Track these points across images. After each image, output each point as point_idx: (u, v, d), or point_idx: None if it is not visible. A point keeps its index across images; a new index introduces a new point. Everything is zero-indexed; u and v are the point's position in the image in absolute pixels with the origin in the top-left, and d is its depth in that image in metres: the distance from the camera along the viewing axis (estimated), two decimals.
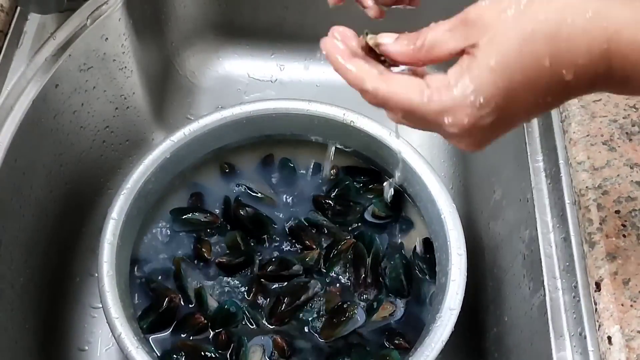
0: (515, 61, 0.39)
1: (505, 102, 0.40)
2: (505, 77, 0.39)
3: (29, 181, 0.73)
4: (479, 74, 0.40)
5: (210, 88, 1.04)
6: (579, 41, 0.39)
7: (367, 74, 0.43)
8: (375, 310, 0.74)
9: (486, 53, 0.40)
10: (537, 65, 0.39)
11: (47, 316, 0.78)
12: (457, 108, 0.40)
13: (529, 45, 0.39)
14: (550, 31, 0.39)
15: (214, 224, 0.80)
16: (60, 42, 0.76)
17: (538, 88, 0.40)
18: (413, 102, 0.41)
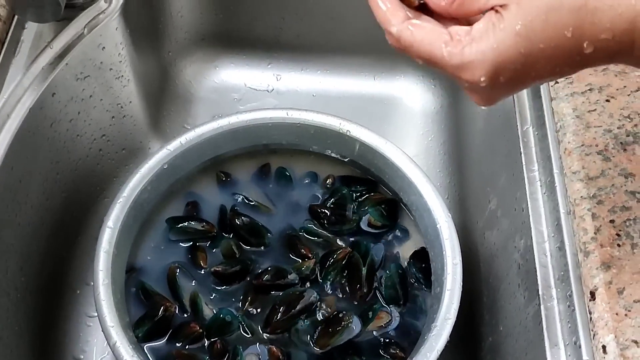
0: (541, 29, 0.40)
1: (523, 67, 0.41)
2: (528, 43, 0.40)
3: (26, 189, 0.73)
4: (504, 35, 0.40)
5: (207, 97, 1.05)
6: (604, 16, 0.40)
7: (395, 17, 0.44)
8: (370, 319, 0.74)
9: (514, 16, 0.40)
10: (560, 35, 0.40)
11: (43, 324, 0.78)
12: (475, 65, 0.41)
13: (555, 15, 0.40)
14: (577, 3, 0.40)
15: (210, 232, 0.80)
16: (57, 50, 0.76)
17: (557, 57, 0.41)
18: (434, 54, 0.42)
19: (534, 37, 0.40)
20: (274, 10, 1.01)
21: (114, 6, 0.81)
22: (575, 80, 0.66)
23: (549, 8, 0.40)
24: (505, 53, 0.41)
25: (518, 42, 0.40)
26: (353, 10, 0.98)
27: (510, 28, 0.40)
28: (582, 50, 0.41)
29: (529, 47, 0.40)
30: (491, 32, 0.41)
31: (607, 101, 0.65)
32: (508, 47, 0.40)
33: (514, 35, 0.40)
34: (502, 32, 0.41)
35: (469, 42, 0.41)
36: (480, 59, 0.41)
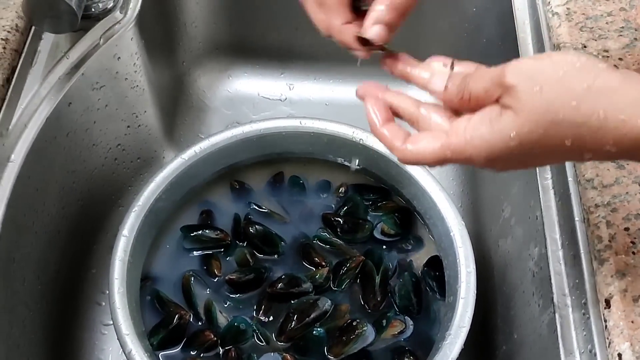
0: (537, 140, 0.41)
1: (518, 164, 0.44)
2: (523, 149, 0.42)
3: (42, 198, 0.74)
4: (498, 137, 0.42)
5: (221, 107, 1.05)
6: (608, 134, 0.40)
7: (395, 141, 0.48)
8: (384, 327, 0.74)
9: (511, 122, 0.42)
10: (558, 143, 0.41)
11: (59, 333, 0.79)
12: (473, 158, 0.44)
13: (554, 129, 0.41)
14: (579, 121, 0.40)
15: (224, 241, 0.80)
16: (74, 61, 0.77)
17: (554, 157, 0.43)
18: (438, 158, 0.45)
19: (530, 144, 0.42)
20: (287, 20, 1.02)
21: (129, 17, 0.82)
22: None
23: (548, 122, 0.40)
24: (498, 152, 0.43)
25: (512, 150, 0.42)
26: None
27: (504, 132, 0.42)
28: (582, 156, 0.42)
29: (524, 151, 0.42)
30: (487, 132, 0.43)
31: None
32: (501, 149, 0.42)
33: (507, 139, 0.42)
34: (496, 134, 0.42)
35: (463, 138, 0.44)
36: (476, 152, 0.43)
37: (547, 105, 0.40)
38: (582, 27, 0.72)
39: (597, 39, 0.70)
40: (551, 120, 0.40)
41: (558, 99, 0.40)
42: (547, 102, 0.40)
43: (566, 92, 0.40)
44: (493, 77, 0.43)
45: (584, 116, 0.40)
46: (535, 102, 0.41)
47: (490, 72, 0.44)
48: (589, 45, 0.70)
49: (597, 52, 0.69)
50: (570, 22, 0.72)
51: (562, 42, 0.71)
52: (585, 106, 0.40)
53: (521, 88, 0.41)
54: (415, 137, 0.47)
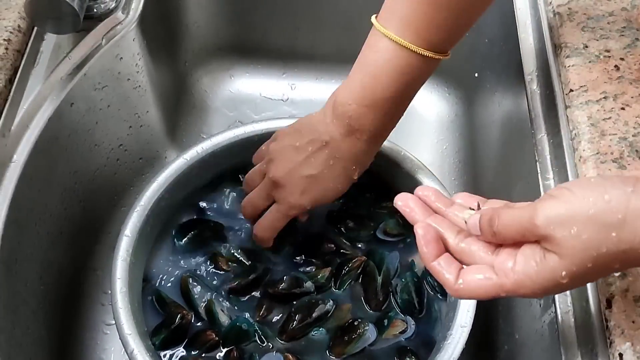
0: (587, 272, 0.43)
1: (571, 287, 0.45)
2: (575, 282, 0.44)
3: (44, 199, 0.74)
4: (549, 279, 0.44)
5: (223, 107, 1.05)
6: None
7: (447, 279, 0.49)
8: (386, 327, 0.74)
9: (558, 263, 0.43)
10: (608, 268, 0.44)
11: (61, 333, 0.79)
12: (528, 295, 0.46)
13: (601, 260, 0.42)
14: (624, 248, 0.42)
15: (221, 231, 0.81)
16: (76, 61, 0.77)
17: (604, 275, 0.48)
18: (491, 296, 0.47)
19: (580, 278, 0.44)
20: (289, 20, 1.02)
21: (132, 17, 0.82)
22: (590, 89, 0.66)
23: (594, 258, 0.42)
24: (550, 287, 0.45)
25: (564, 283, 0.44)
26: (367, 20, 0.99)
27: (555, 273, 0.44)
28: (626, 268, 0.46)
29: (575, 283, 0.44)
30: (534, 272, 0.45)
31: (622, 109, 0.65)
32: (553, 285, 0.44)
33: (558, 278, 0.44)
34: (547, 274, 0.44)
35: (514, 280, 0.45)
36: (530, 291, 0.45)
37: (589, 245, 0.42)
38: (584, 27, 0.72)
39: (598, 39, 0.70)
40: (597, 256, 0.42)
41: (597, 236, 0.42)
42: (588, 241, 0.42)
43: (603, 228, 0.42)
44: (523, 223, 0.45)
45: (627, 243, 0.42)
46: (577, 245, 0.42)
47: (518, 217, 0.46)
48: (590, 45, 0.70)
49: (598, 52, 0.69)
50: (571, 22, 0.72)
51: (563, 42, 0.71)
52: (626, 234, 0.41)
53: (558, 235, 0.43)
54: (466, 272, 0.48)
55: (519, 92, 0.77)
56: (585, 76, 0.68)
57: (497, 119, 0.88)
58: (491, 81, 0.92)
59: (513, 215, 0.46)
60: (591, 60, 0.69)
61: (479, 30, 0.93)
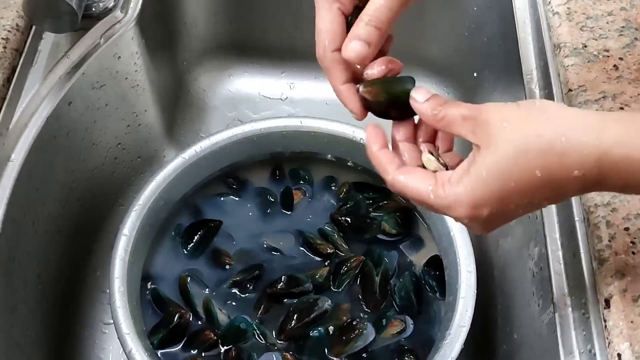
0: (509, 172, 0.44)
1: (499, 204, 0.45)
2: (497, 185, 0.44)
3: (42, 198, 0.74)
4: (475, 179, 0.45)
5: (221, 106, 1.05)
6: (571, 158, 0.42)
7: (389, 166, 0.50)
8: (384, 327, 0.74)
9: (483, 160, 0.44)
10: (529, 176, 0.43)
11: (59, 331, 0.79)
12: (456, 206, 0.46)
13: (522, 159, 0.43)
14: (544, 148, 0.43)
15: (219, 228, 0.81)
16: (74, 60, 0.77)
17: (530, 193, 0.44)
18: (422, 196, 0.48)
19: (503, 179, 0.44)
20: (288, 19, 1.02)
21: (130, 16, 0.82)
22: (588, 88, 0.66)
23: (516, 153, 0.43)
24: (478, 194, 0.45)
25: (488, 185, 0.44)
26: None
27: (479, 173, 0.44)
28: (554, 187, 0.44)
29: (499, 188, 0.44)
30: (466, 177, 0.45)
31: (620, 109, 0.65)
32: (480, 189, 0.44)
33: (482, 180, 0.44)
34: (473, 176, 0.44)
35: (449, 186, 0.46)
36: (459, 200, 0.45)
37: (513, 137, 0.43)
38: (583, 27, 0.71)
39: (597, 39, 0.70)
40: (518, 150, 0.43)
41: (523, 131, 0.43)
42: (513, 133, 0.44)
43: (530, 125, 0.44)
44: (471, 109, 0.46)
45: (548, 142, 0.43)
46: (504, 135, 0.44)
47: (467, 106, 0.47)
48: (589, 45, 0.70)
49: (597, 52, 0.69)
50: (570, 21, 0.72)
51: (562, 41, 0.71)
52: (548, 133, 0.43)
53: (492, 122, 0.44)
54: (410, 170, 0.49)
55: (517, 92, 0.77)
56: (584, 76, 0.67)
57: None
58: (490, 81, 0.92)
59: (463, 106, 0.47)
60: (590, 60, 0.69)
61: (478, 29, 0.93)
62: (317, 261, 0.79)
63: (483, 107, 0.46)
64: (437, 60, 1.02)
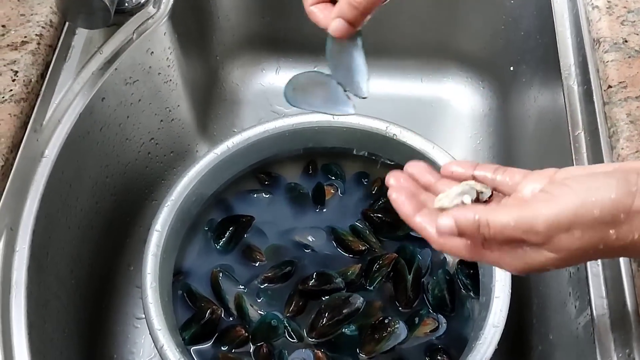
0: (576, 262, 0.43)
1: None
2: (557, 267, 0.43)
3: (75, 193, 0.74)
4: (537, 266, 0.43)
5: (254, 100, 1.05)
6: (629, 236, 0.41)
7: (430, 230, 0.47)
8: (417, 325, 0.73)
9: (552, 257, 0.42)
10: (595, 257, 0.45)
11: (92, 326, 0.79)
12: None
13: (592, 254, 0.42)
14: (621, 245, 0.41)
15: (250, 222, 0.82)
16: (107, 56, 0.77)
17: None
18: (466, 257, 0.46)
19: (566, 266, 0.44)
20: None
21: (163, 11, 0.82)
22: (629, 85, 0.65)
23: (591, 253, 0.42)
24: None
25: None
26: (400, 12, 0.97)
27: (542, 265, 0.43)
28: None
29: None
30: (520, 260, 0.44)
31: None
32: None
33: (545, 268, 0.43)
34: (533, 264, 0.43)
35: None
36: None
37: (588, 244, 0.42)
38: (624, 21, 0.70)
39: (639, 33, 0.68)
40: (592, 253, 0.42)
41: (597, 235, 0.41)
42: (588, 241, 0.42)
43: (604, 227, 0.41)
44: (521, 229, 0.42)
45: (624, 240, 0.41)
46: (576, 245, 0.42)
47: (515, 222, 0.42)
48: (630, 40, 0.68)
49: (638, 47, 0.67)
50: (610, 15, 0.70)
51: (602, 36, 0.69)
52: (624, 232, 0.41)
53: (561, 241, 0.42)
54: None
55: (555, 87, 0.75)
56: (625, 72, 0.66)
57: (532, 114, 0.86)
58: (527, 75, 0.90)
59: (508, 220, 0.42)
60: (631, 56, 0.67)
61: (515, 22, 0.92)
62: (349, 258, 0.79)
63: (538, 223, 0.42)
64: (473, 54, 1.00)
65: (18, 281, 0.62)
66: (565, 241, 0.41)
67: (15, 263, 0.63)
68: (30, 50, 0.70)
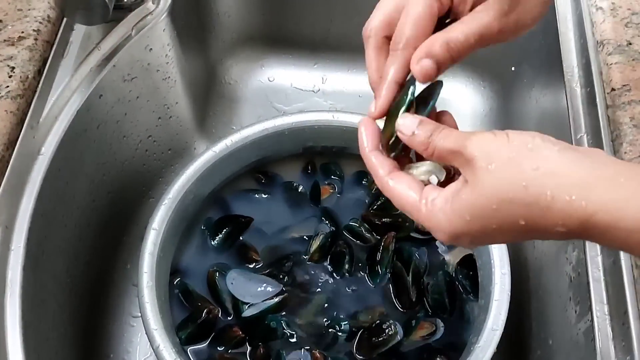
0: (492, 216, 0.42)
1: (481, 235, 0.44)
2: (479, 224, 0.43)
3: (72, 191, 0.74)
4: (458, 216, 0.43)
5: (253, 97, 1.04)
6: (555, 214, 0.40)
7: (381, 167, 0.48)
8: (413, 328, 0.73)
9: (467, 199, 0.43)
10: (511, 221, 0.42)
11: (88, 325, 0.79)
12: (435, 230, 0.45)
13: (505, 206, 0.41)
14: (528, 200, 0.41)
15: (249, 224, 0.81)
16: (105, 52, 0.76)
17: (513, 234, 0.43)
18: (405, 208, 0.47)
19: (486, 219, 0.42)
20: (322, 10, 1.00)
21: (162, 8, 0.81)
22: (633, 88, 0.64)
23: (500, 200, 0.41)
24: (459, 227, 0.43)
25: (470, 223, 0.43)
26: None
27: (462, 212, 0.43)
28: (537, 233, 0.42)
29: (483, 225, 0.43)
30: (449, 208, 0.43)
31: None
32: (461, 224, 0.43)
33: (465, 218, 0.43)
34: (457, 212, 0.43)
35: (430, 210, 0.44)
36: (440, 228, 0.44)
37: (498, 184, 0.41)
38: (628, 23, 0.69)
39: None
40: (502, 199, 0.41)
41: (508, 178, 0.41)
42: (498, 180, 0.41)
43: (517, 172, 0.41)
44: (457, 141, 0.44)
45: (533, 196, 0.40)
46: (488, 180, 0.42)
47: (456, 136, 0.45)
48: (634, 43, 0.67)
49: None
50: (614, 17, 0.70)
51: (605, 38, 0.68)
52: (534, 187, 0.40)
53: (478, 163, 0.42)
54: (400, 176, 0.47)
55: (557, 89, 0.75)
56: (629, 75, 0.65)
57: (534, 115, 0.85)
58: (529, 76, 0.90)
59: (453, 133, 0.45)
60: (635, 59, 0.66)
61: None
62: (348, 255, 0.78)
63: (469, 140, 0.43)
64: (474, 53, 1.00)
65: (13, 280, 0.61)
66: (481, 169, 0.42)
67: (11, 262, 0.62)
68: (27, 46, 0.70)
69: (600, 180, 0.40)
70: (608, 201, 0.39)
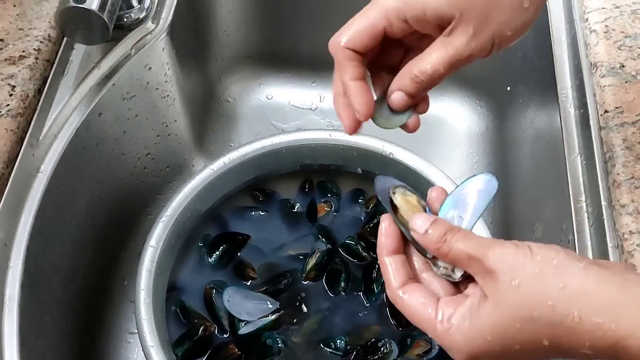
0: (514, 336, 0.40)
1: (499, 358, 0.42)
2: (500, 345, 0.41)
3: (70, 208, 0.74)
4: (477, 335, 0.41)
5: (251, 115, 1.05)
6: (582, 336, 0.38)
7: (394, 278, 0.46)
8: (408, 347, 0.73)
9: (488, 317, 0.41)
10: (535, 342, 0.40)
11: (84, 341, 0.79)
12: (453, 350, 0.42)
13: (529, 326, 0.40)
14: (554, 321, 0.39)
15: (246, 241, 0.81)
16: (105, 71, 0.77)
17: (535, 354, 0.41)
18: (420, 325, 0.44)
19: (509, 341, 0.40)
20: (320, 29, 1.00)
21: (161, 27, 0.82)
22: (625, 110, 0.65)
23: (524, 318, 0.40)
24: (477, 349, 0.41)
25: (492, 343, 0.41)
26: None
27: (483, 330, 0.41)
28: (559, 355, 0.41)
29: (504, 347, 0.41)
30: (467, 327, 0.42)
31: None
32: (480, 345, 0.41)
33: (486, 337, 0.41)
34: (476, 331, 0.41)
35: (447, 330, 0.42)
36: (457, 348, 0.42)
37: (523, 301, 0.40)
38: (621, 46, 0.70)
39: (635, 59, 0.69)
40: (527, 318, 0.40)
41: (534, 296, 0.39)
42: (523, 297, 0.40)
43: (542, 290, 0.39)
44: (479, 249, 0.42)
45: (559, 316, 0.39)
46: (512, 296, 0.40)
47: (477, 242, 0.43)
48: (627, 65, 0.68)
49: (635, 72, 0.67)
50: (608, 40, 0.71)
51: (599, 60, 0.69)
52: (561, 306, 0.39)
53: (501, 277, 0.41)
54: (413, 290, 0.46)
55: (552, 109, 0.75)
56: (622, 97, 0.66)
57: (528, 135, 0.86)
58: (524, 96, 0.90)
59: (473, 238, 0.43)
60: (628, 81, 0.67)
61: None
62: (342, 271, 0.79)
63: (491, 250, 0.42)
64: (469, 73, 1.01)
65: (11, 297, 0.62)
66: (504, 284, 0.41)
67: (9, 279, 0.62)
68: (28, 65, 0.70)
69: (630, 302, 0.38)
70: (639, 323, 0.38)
